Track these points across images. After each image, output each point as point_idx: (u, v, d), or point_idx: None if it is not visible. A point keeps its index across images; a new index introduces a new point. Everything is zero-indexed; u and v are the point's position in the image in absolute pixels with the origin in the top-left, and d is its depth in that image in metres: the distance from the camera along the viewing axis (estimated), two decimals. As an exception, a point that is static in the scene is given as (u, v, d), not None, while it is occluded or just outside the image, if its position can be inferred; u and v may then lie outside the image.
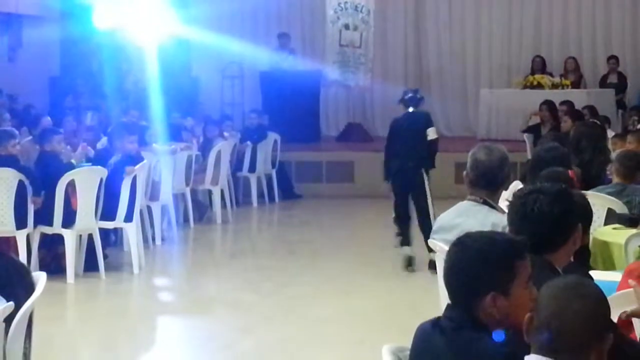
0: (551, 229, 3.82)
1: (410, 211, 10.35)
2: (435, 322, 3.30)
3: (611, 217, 6.92)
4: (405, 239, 10.36)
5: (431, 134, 10.45)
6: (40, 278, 4.65)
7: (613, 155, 8.61)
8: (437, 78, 19.50)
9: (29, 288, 4.42)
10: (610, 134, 12.36)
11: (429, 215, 9.96)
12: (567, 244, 3.88)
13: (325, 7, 17.68)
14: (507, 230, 4.05)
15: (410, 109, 10.62)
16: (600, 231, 6.53)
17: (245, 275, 10.43)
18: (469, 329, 3.20)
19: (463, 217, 5.22)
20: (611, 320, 2.87)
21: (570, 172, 5.60)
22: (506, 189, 5.57)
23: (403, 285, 9.76)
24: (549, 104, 14.24)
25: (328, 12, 17.61)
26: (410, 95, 10.75)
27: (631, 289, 4.36)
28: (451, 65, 19.47)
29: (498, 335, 3.13)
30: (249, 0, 19.33)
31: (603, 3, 18.90)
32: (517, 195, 3.97)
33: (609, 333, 2.81)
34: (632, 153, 7.84)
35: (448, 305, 3.32)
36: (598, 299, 2.81)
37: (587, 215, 4.65)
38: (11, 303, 4.15)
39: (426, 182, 10.27)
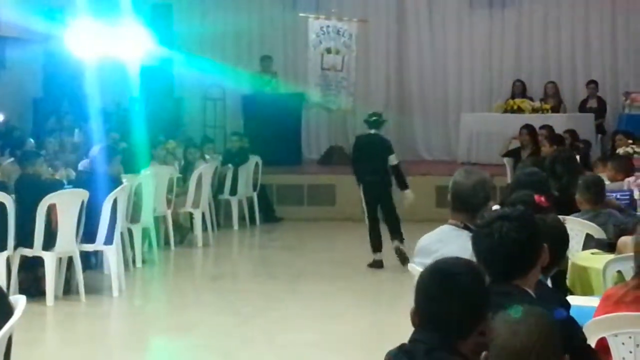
0: (521, 255, 3.82)
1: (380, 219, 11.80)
2: (401, 348, 3.32)
3: (589, 242, 6.96)
4: (376, 246, 11.74)
5: (392, 160, 11.83)
6: (19, 301, 4.63)
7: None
8: (419, 102, 19.56)
9: (7, 312, 4.40)
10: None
11: (398, 221, 11.75)
12: (536, 266, 3.89)
13: (308, 31, 17.74)
14: None
15: (372, 131, 12.00)
16: (578, 256, 6.57)
17: (226, 299, 10.41)
18: (441, 351, 3.22)
19: (443, 242, 5.22)
20: (561, 345, 2.90)
21: (536, 196, 5.60)
22: (487, 213, 5.57)
23: (384, 309, 9.77)
24: (529, 128, 14.29)
25: (310, 36, 17.68)
26: (374, 118, 12.06)
27: (608, 315, 4.41)
28: (432, 89, 19.54)
29: None
30: (232, 23, 19.39)
31: (582, 29, 19.01)
32: (480, 225, 3.93)
33: (562, 356, 2.85)
34: (593, 178, 7.93)
35: (416, 330, 3.34)
36: (548, 325, 2.84)
37: (562, 239, 4.67)
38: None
39: (392, 195, 11.84)
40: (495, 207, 7.11)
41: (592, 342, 4.27)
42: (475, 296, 3.28)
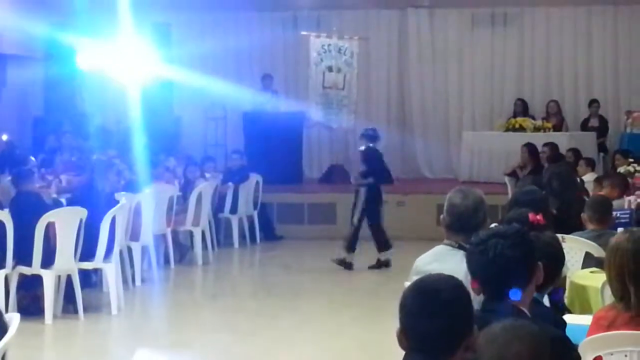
0: (515, 273, 3.80)
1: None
2: None
3: (588, 261, 6.93)
4: (351, 247, 12.93)
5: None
6: (13, 319, 4.62)
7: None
8: (420, 120, 19.55)
9: (2, 330, 4.39)
10: (592, 176, 12.43)
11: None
12: (530, 284, 3.88)
13: (309, 49, 17.76)
14: None
15: (371, 145, 13.10)
16: (577, 275, 6.54)
17: (226, 317, 10.39)
18: None
19: (439, 262, 5.19)
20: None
21: (531, 214, 5.56)
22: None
23: (383, 328, 9.70)
24: (529, 147, 14.27)
25: (311, 54, 17.70)
26: (370, 132, 13.29)
27: (604, 333, 4.38)
28: (434, 108, 19.54)
29: None
30: (233, 42, 19.41)
31: (585, 48, 19.02)
32: (474, 242, 3.92)
33: None
34: (601, 198, 7.91)
35: (406, 353, 3.30)
36: (535, 339, 2.80)
37: (558, 257, 4.65)
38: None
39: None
40: (493, 225, 7.11)
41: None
42: (457, 311, 3.25)
